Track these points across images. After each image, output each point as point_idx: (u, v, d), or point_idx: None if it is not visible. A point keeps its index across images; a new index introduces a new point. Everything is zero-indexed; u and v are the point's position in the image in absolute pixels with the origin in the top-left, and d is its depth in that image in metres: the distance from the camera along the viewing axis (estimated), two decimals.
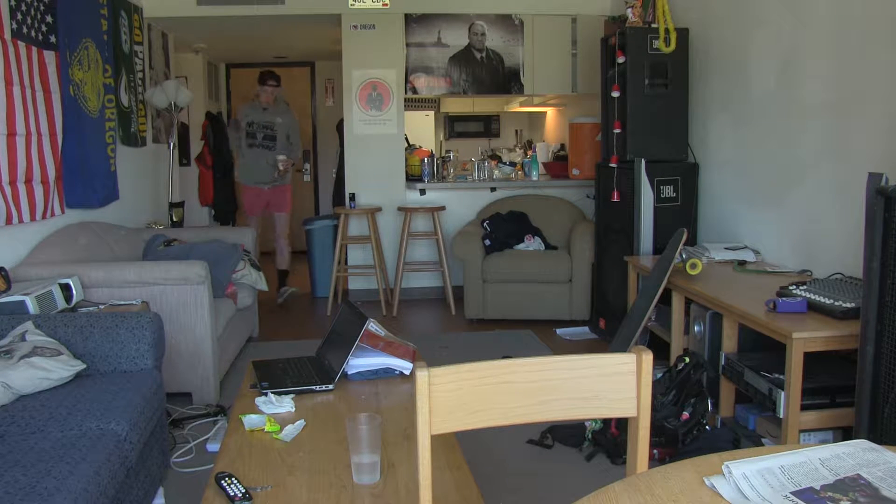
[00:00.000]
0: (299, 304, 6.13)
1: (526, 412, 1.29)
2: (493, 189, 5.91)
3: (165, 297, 3.40)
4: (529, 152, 6.68)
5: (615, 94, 4.32)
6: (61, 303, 3.01)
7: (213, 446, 2.99)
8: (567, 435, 3.05)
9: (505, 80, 6.00)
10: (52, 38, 3.70)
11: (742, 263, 3.50)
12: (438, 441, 1.27)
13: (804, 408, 2.43)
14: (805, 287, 2.73)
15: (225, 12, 5.63)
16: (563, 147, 6.65)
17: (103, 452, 1.98)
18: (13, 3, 3.30)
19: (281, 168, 5.77)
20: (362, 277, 5.96)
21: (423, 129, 7.74)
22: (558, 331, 4.91)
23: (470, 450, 2.89)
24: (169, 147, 5.80)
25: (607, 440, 2.91)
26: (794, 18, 3.38)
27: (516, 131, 8.54)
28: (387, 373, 2.35)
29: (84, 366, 2.51)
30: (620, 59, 4.23)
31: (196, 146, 7.64)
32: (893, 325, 1.96)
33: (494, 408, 1.27)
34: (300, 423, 1.97)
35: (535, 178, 5.99)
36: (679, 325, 3.37)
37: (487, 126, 8.57)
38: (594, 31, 5.51)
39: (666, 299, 3.43)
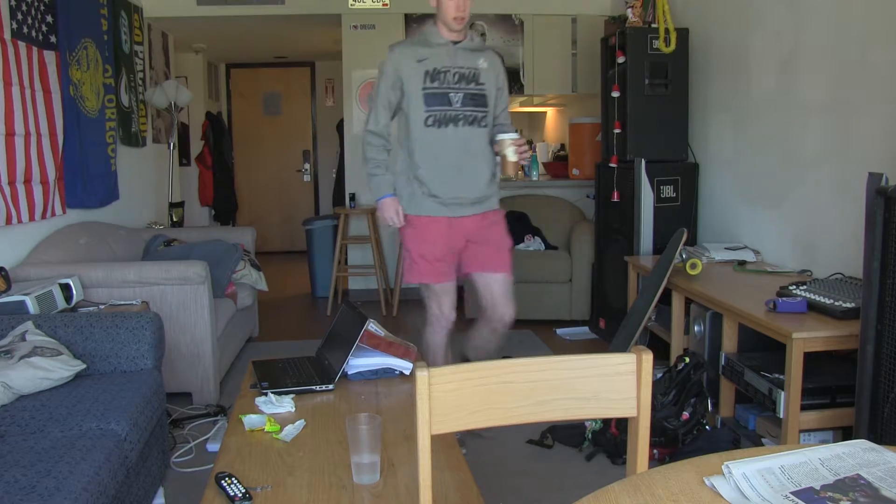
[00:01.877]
0: (299, 304, 6.13)
1: (526, 412, 1.29)
2: None
3: (165, 297, 3.40)
4: (529, 152, 6.67)
5: (615, 94, 4.32)
6: (61, 303, 3.01)
7: (213, 446, 2.99)
8: (567, 435, 3.05)
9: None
10: (52, 38, 3.70)
11: (742, 263, 3.50)
12: (438, 441, 1.27)
13: (804, 408, 2.43)
14: (805, 287, 2.73)
15: (225, 12, 5.63)
16: (563, 147, 6.65)
17: (103, 452, 1.98)
18: (13, 3, 3.30)
19: (515, 160, 2.80)
20: (362, 277, 5.95)
21: None
22: (558, 331, 4.91)
23: (470, 450, 2.90)
24: (169, 147, 5.80)
25: (607, 440, 2.91)
26: (794, 18, 3.38)
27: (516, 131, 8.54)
28: (387, 373, 2.35)
29: (84, 366, 2.51)
30: (620, 59, 4.23)
31: (196, 146, 7.66)
32: (893, 325, 1.96)
33: (494, 408, 1.27)
34: (300, 423, 1.97)
35: (535, 178, 5.98)
36: (679, 325, 3.37)
37: None
38: (594, 31, 5.51)
39: (666, 299, 3.43)
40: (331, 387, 2.24)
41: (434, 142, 2.78)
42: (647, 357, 1.30)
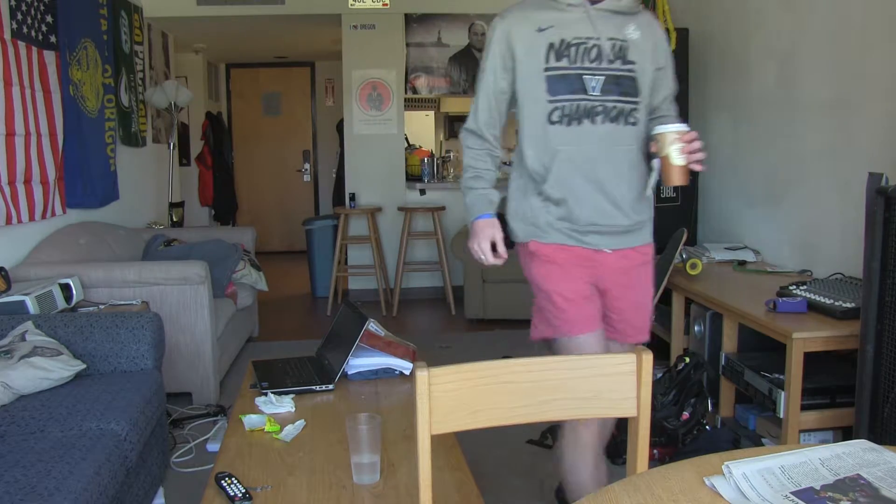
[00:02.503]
0: (299, 304, 6.13)
1: (526, 412, 1.29)
2: None
3: (165, 297, 3.40)
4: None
5: None
6: (61, 303, 3.01)
7: (213, 446, 2.99)
8: None
9: None
10: (52, 38, 3.70)
11: (742, 263, 3.50)
12: (438, 441, 1.27)
13: (804, 408, 2.43)
14: (805, 287, 2.73)
15: (225, 12, 5.63)
16: None
17: (103, 452, 1.98)
18: (13, 3, 3.30)
19: (682, 163, 1.84)
20: (362, 277, 5.96)
21: (423, 129, 7.74)
22: None
23: (470, 450, 2.90)
24: (169, 147, 5.80)
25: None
26: (794, 18, 3.38)
27: (516, 131, 8.53)
28: (387, 373, 2.35)
29: (84, 366, 2.51)
30: None
31: (196, 146, 7.65)
32: (893, 325, 1.96)
33: (494, 408, 1.27)
34: (300, 423, 1.97)
35: None
36: (679, 325, 3.36)
37: None
38: None
39: (666, 299, 3.43)
40: (331, 387, 2.24)
41: (563, 145, 1.91)
42: (647, 357, 1.30)
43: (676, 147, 1.83)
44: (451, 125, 8.54)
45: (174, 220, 5.65)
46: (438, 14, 5.86)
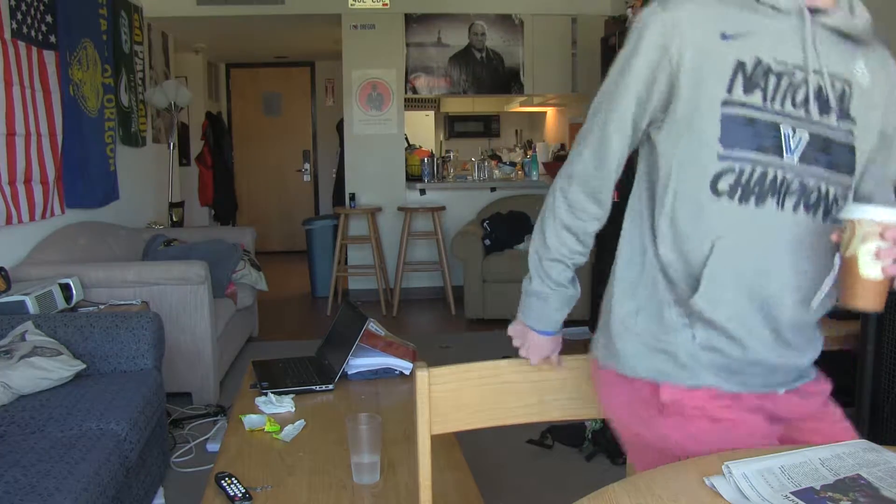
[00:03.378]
0: (299, 304, 6.13)
1: (526, 412, 1.30)
2: (493, 189, 5.91)
3: (165, 297, 3.40)
4: (529, 152, 6.69)
5: None
6: (61, 303, 3.01)
7: (213, 446, 2.99)
8: (567, 435, 3.05)
9: (505, 80, 6.00)
10: (52, 38, 3.70)
11: None
12: (438, 441, 1.27)
13: None
14: None
15: (225, 12, 5.63)
16: (563, 147, 6.66)
17: (103, 452, 1.98)
18: (13, 3, 3.30)
19: (878, 276, 1.01)
20: (362, 277, 5.96)
21: (423, 129, 7.75)
22: None
23: (470, 450, 2.90)
24: (169, 147, 5.80)
25: (607, 440, 2.91)
26: None
27: (516, 131, 8.55)
28: (387, 373, 2.36)
29: (84, 366, 2.51)
30: None
31: (196, 146, 7.65)
32: (893, 325, 1.96)
33: (494, 408, 1.27)
34: (300, 423, 1.97)
35: (535, 178, 5.98)
36: None
37: (487, 126, 8.58)
38: (594, 31, 5.51)
39: None
40: (331, 387, 2.24)
41: (728, 233, 1.13)
42: None
43: (870, 247, 1.02)
44: (452, 125, 8.56)
45: (174, 220, 5.65)
46: (438, 14, 5.86)
